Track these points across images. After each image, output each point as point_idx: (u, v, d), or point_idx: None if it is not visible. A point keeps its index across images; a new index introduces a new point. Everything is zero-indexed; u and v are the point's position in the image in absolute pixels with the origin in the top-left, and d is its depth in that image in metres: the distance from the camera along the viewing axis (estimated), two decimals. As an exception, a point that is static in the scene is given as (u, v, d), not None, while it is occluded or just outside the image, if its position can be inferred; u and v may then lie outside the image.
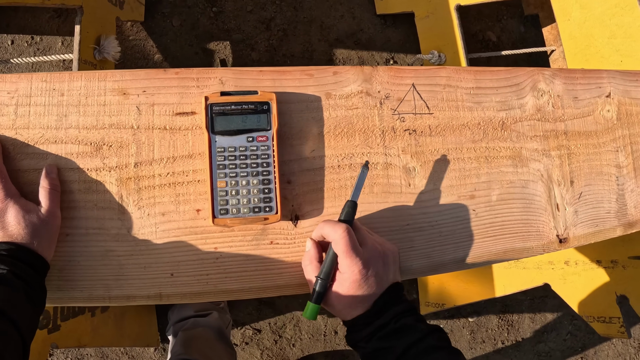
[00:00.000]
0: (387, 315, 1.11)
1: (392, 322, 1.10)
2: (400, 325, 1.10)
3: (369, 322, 1.11)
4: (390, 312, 1.12)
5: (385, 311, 1.12)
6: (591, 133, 1.47)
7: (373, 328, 1.10)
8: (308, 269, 1.16)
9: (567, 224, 1.41)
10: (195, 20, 2.88)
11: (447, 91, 1.35)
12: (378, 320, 1.11)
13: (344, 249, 1.09)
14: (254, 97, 1.18)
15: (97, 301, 1.16)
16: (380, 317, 1.11)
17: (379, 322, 1.11)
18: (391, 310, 1.13)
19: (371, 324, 1.11)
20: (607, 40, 2.33)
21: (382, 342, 1.09)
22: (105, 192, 1.16)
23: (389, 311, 1.12)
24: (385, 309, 1.13)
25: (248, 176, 1.16)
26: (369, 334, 1.10)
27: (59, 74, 1.18)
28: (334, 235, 1.10)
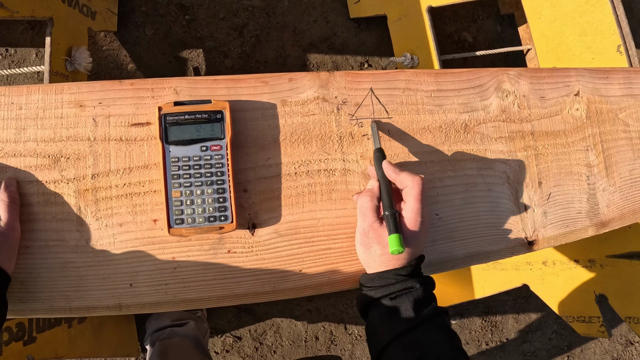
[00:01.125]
0: (419, 280, 1.15)
1: (422, 289, 1.14)
2: (427, 295, 1.15)
3: (399, 280, 1.14)
4: (420, 277, 1.17)
5: (417, 275, 1.17)
6: (559, 132, 1.47)
7: (403, 286, 1.14)
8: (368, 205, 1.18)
9: (535, 226, 1.41)
10: (167, 28, 2.88)
11: (407, 95, 1.35)
12: (410, 281, 1.14)
13: (417, 196, 1.15)
14: (207, 107, 1.18)
15: (58, 312, 1.16)
16: (412, 279, 1.15)
17: (411, 283, 1.14)
18: (421, 277, 1.18)
19: (402, 281, 1.14)
20: (578, 37, 2.33)
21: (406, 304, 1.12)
22: (63, 204, 1.16)
23: (419, 277, 1.17)
24: (418, 273, 1.18)
25: (202, 186, 1.15)
26: (398, 290, 1.14)
27: (17, 88, 1.18)
28: (412, 182, 1.15)
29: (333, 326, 3.04)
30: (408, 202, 1.15)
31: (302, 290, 1.25)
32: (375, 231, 1.16)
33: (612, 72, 1.57)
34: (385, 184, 1.20)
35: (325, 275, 1.25)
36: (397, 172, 1.17)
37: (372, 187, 1.20)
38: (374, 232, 1.16)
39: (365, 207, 1.18)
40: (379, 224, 1.16)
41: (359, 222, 1.20)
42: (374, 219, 1.16)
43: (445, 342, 1.09)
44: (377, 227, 1.16)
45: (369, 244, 1.17)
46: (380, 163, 1.21)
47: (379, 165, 1.21)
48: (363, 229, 1.18)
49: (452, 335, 1.12)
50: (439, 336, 1.10)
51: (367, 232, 1.17)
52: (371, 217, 1.16)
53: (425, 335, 1.09)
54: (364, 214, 1.18)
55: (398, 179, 1.17)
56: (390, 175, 1.18)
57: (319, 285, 1.26)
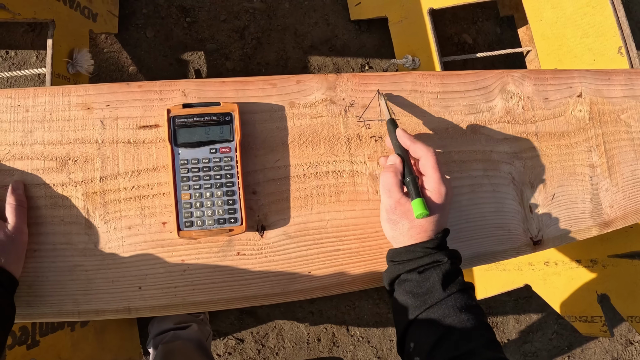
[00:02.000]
0: (446, 253, 1.15)
1: (449, 262, 1.14)
2: (454, 269, 1.15)
3: (428, 253, 1.14)
4: (447, 250, 1.17)
5: (444, 248, 1.17)
6: (563, 134, 1.47)
7: (432, 259, 1.14)
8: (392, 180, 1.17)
9: (540, 226, 1.41)
10: (169, 31, 2.88)
11: (413, 96, 1.35)
12: (439, 254, 1.14)
13: (435, 166, 1.15)
14: (216, 109, 1.18)
15: (66, 316, 1.15)
16: (440, 252, 1.15)
17: (439, 256, 1.14)
18: (448, 250, 1.18)
19: (430, 254, 1.14)
20: (580, 39, 2.34)
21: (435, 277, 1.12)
22: (71, 207, 1.16)
23: (446, 250, 1.17)
24: (444, 246, 1.18)
25: (212, 188, 1.15)
26: (426, 264, 1.14)
27: (23, 90, 1.18)
28: (426, 153, 1.16)
29: (335, 328, 3.04)
30: (427, 173, 1.15)
31: (311, 291, 1.25)
32: (403, 206, 1.16)
33: (613, 74, 1.58)
34: (403, 153, 1.20)
35: (334, 276, 1.26)
36: (412, 140, 1.17)
37: (393, 163, 1.19)
38: (401, 207, 1.16)
39: (389, 183, 1.17)
40: (405, 199, 1.16)
41: (384, 199, 1.19)
42: (400, 195, 1.16)
43: (472, 316, 1.10)
44: (404, 202, 1.16)
45: (396, 220, 1.17)
46: (394, 133, 1.22)
47: (393, 135, 1.22)
48: (389, 205, 1.17)
49: (477, 310, 1.12)
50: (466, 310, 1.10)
51: (393, 209, 1.16)
52: (397, 193, 1.16)
53: (452, 309, 1.09)
54: (389, 190, 1.17)
55: (412, 147, 1.17)
56: (405, 143, 1.19)
57: (327, 286, 1.26)
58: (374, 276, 1.29)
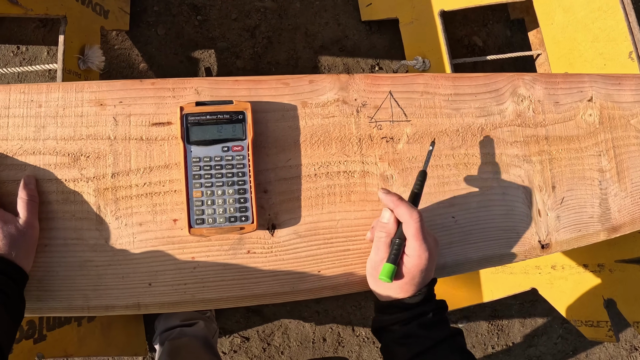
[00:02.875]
0: (429, 305, 1.16)
1: (432, 313, 1.15)
2: (438, 319, 1.15)
3: (410, 307, 1.15)
4: (432, 302, 1.18)
5: (428, 301, 1.17)
6: (573, 138, 1.47)
7: (413, 314, 1.14)
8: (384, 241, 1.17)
9: (549, 230, 1.41)
10: (180, 28, 2.88)
11: (425, 98, 1.36)
12: (420, 307, 1.15)
13: (415, 233, 1.12)
14: (229, 107, 1.18)
15: (76, 311, 1.15)
16: (422, 305, 1.15)
17: (420, 310, 1.15)
18: (432, 302, 1.18)
19: (412, 309, 1.15)
20: (590, 43, 2.33)
21: (418, 330, 1.13)
22: (83, 203, 1.16)
23: (431, 302, 1.17)
24: (428, 300, 1.17)
25: (224, 186, 1.16)
26: (407, 318, 1.14)
27: (36, 86, 1.18)
28: (408, 219, 1.13)
29: (341, 328, 3.04)
30: (409, 238, 1.14)
31: (320, 291, 1.25)
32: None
33: (624, 79, 1.58)
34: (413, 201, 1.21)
35: (344, 276, 1.26)
36: (396, 203, 1.16)
37: (388, 222, 1.18)
38: None
39: (381, 241, 1.17)
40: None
41: (372, 255, 1.20)
42: (387, 255, 1.16)
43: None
44: None
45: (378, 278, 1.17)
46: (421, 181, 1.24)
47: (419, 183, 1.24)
48: (375, 262, 1.18)
49: (467, 356, 1.13)
50: (454, 357, 1.12)
51: (378, 267, 1.17)
52: (384, 252, 1.16)
53: (438, 357, 1.11)
54: (378, 247, 1.18)
55: (396, 210, 1.16)
56: (389, 205, 1.18)
57: (336, 286, 1.26)
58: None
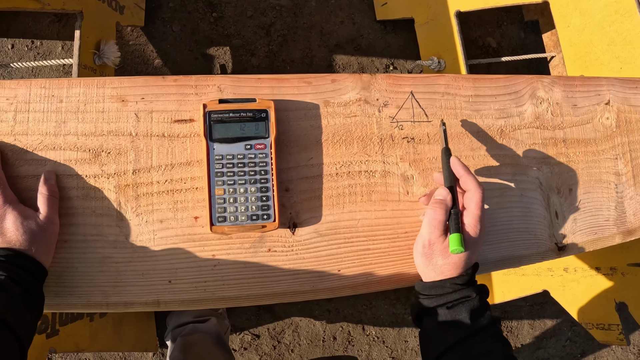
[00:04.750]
0: (475, 289, 1.17)
1: (478, 298, 1.15)
2: (482, 304, 1.15)
3: (457, 289, 1.15)
4: (476, 286, 1.18)
5: (472, 284, 1.18)
6: (590, 141, 1.47)
7: (460, 295, 1.15)
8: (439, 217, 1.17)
9: (565, 232, 1.41)
10: (195, 25, 2.88)
11: (446, 99, 1.36)
12: (467, 289, 1.15)
13: (478, 203, 1.15)
14: (252, 105, 1.19)
15: (95, 307, 1.16)
16: (469, 287, 1.16)
17: (468, 292, 1.15)
18: (476, 285, 1.19)
19: (459, 290, 1.15)
20: (607, 47, 2.33)
21: (464, 313, 1.12)
22: (103, 199, 1.17)
23: (475, 285, 1.18)
24: (473, 282, 1.19)
25: (246, 184, 1.16)
26: (455, 300, 1.15)
27: (57, 81, 1.18)
28: (475, 188, 1.16)
29: (351, 327, 3.04)
30: (469, 207, 1.16)
31: (340, 290, 1.25)
32: (441, 244, 1.17)
33: (641, 83, 1.57)
34: (453, 183, 1.21)
35: (363, 276, 1.26)
36: (467, 171, 1.18)
37: (444, 198, 1.19)
38: (439, 245, 1.17)
39: (437, 219, 1.17)
40: (444, 237, 1.17)
41: (424, 233, 1.19)
42: (441, 233, 1.18)
43: (500, 351, 1.10)
44: (443, 240, 1.17)
45: (432, 256, 1.18)
46: (447, 161, 1.23)
47: (446, 165, 1.23)
48: (428, 240, 1.18)
49: (505, 344, 1.13)
50: (495, 345, 1.11)
51: (432, 244, 1.18)
52: (439, 230, 1.17)
53: (481, 344, 1.10)
54: (434, 226, 1.18)
55: (464, 178, 1.18)
56: (459, 172, 1.19)
57: (356, 285, 1.26)
58: (402, 276, 1.29)
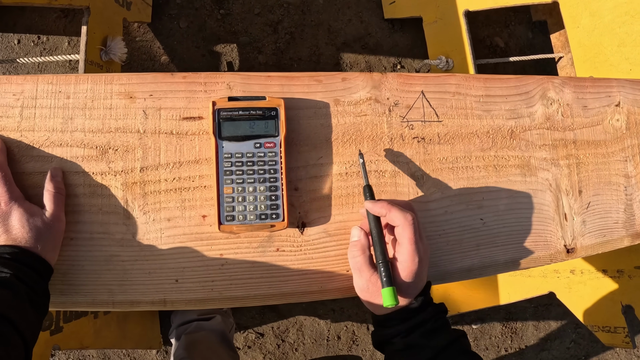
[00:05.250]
0: (428, 312, 1.13)
1: (432, 320, 1.12)
2: (439, 325, 1.12)
3: (408, 317, 1.12)
4: (430, 309, 1.14)
5: (426, 308, 1.13)
6: (600, 142, 1.46)
7: (412, 324, 1.11)
8: (360, 259, 1.14)
9: (574, 234, 1.40)
10: (202, 22, 2.88)
11: (457, 99, 1.35)
12: (420, 316, 1.12)
13: (410, 237, 1.09)
14: (262, 103, 1.18)
15: (100, 306, 1.15)
16: (421, 313, 1.12)
17: (420, 318, 1.11)
18: (430, 307, 1.14)
19: (412, 318, 1.11)
20: (617, 48, 2.32)
21: (420, 339, 1.09)
22: (110, 197, 1.16)
23: (429, 308, 1.14)
24: (426, 306, 1.14)
25: (255, 183, 1.15)
26: (408, 329, 1.11)
27: (65, 77, 1.17)
28: (403, 221, 1.10)
29: (356, 326, 3.04)
30: (402, 244, 1.11)
31: (348, 290, 1.24)
32: (374, 285, 1.13)
33: (651, 84, 1.57)
34: (377, 228, 1.15)
35: (372, 276, 1.24)
36: (389, 207, 1.13)
37: (359, 239, 1.16)
38: (373, 285, 1.13)
39: (358, 262, 1.14)
40: (376, 277, 1.13)
41: (355, 279, 1.17)
42: (370, 273, 1.13)
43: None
44: (375, 281, 1.12)
45: (372, 297, 1.14)
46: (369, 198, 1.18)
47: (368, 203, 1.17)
48: (361, 286, 1.15)
49: (472, 357, 1.11)
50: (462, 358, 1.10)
51: (366, 288, 1.14)
52: (367, 272, 1.13)
53: None
54: (358, 269, 1.15)
55: (389, 215, 1.12)
56: (381, 213, 1.14)
57: (364, 287, 1.24)
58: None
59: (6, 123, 1.13)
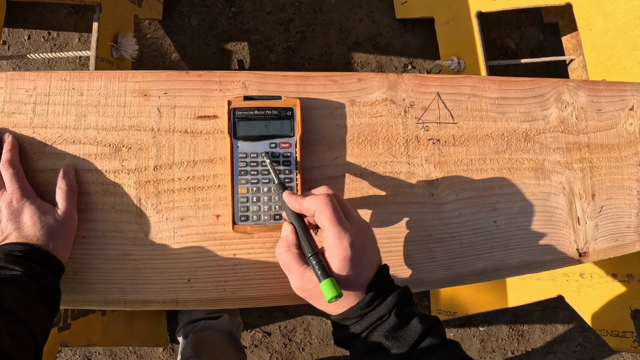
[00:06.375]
0: (387, 304, 0.99)
1: (392, 314, 0.98)
2: (403, 318, 0.98)
3: (364, 314, 0.99)
4: (387, 301, 1.00)
5: (381, 299, 1.00)
6: (613, 146, 1.45)
7: (369, 322, 0.99)
8: (285, 256, 1.03)
9: (587, 238, 1.40)
10: (213, 20, 2.88)
11: (472, 101, 1.34)
12: (375, 312, 0.99)
13: (330, 217, 0.98)
14: (277, 103, 1.17)
15: (112, 305, 1.15)
16: (376, 307, 0.99)
17: (377, 314, 0.98)
18: (388, 299, 1.00)
19: (365, 317, 0.99)
20: (630, 51, 2.31)
21: (383, 340, 0.97)
22: (123, 195, 1.15)
23: (386, 300, 1.00)
24: (381, 297, 1.01)
25: (270, 183, 1.15)
26: (365, 328, 0.99)
27: (78, 73, 1.17)
28: (318, 203, 1.00)
29: (362, 327, 3.03)
30: (325, 229, 1.00)
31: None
32: (309, 282, 1.01)
33: (666, 89, 1.56)
34: (298, 222, 1.06)
35: (384, 278, 1.24)
36: (299, 200, 1.04)
37: (285, 235, 1.06)
38: (308, 282, 1.01)
39: (285, 260, 1.04)
40: (309, 273, 1.01)
41: (291, 280, 1.05)
42: (302, 270, 1.02)
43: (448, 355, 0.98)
44: (309, 278, 1.01)
45: (312, 296, 1.04)
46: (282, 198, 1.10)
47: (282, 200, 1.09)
48: (295, 285, 1.04)
49: (450, 347, 0.99)
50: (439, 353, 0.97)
51: (303, 287, 1.03)
52: (298, 269, 1.02)
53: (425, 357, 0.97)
54: (287, 268, 1.04)
55: (303, 206, 1.03)
56: (294, 207, 1.05)
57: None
58: (422, 280, 1.27)
59: (19, 119, 1.13)
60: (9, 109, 1.14)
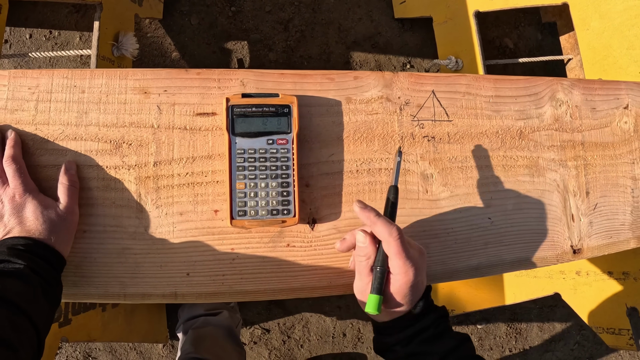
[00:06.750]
0: (428, 318, 1.11)
1: (433, 326, 1.10)
2: (440, 331, 1.11)
3: (408, 325, 1.10)
4: (430, 315, 1.12)
5: (426, 314, 1.12)
6: (608, 144, 1.47)
7: (413, 331, 1.09)
8: (364, 264, 1.11)
9: (581, 235, 1.41)
10: (213, 19, 2.89)
11: (467, 99, 1.36)
12: (419, 323, 1.10)
13: (397, 251, 1.05)
14: (275, 100, 1.18)
15: (112, 298, 1.16)
16: (420, 320, 1.10)
17: (420, 326, 1.10)
18: (431, 314, 1.12)
19: (410, 326, 1.10)
20: (626, 51, 2.31)
21: (421, 347, 1.09)
22: (123, 190, 1.17)
23: (429, 315, 1.12)
24: (426, 312, 1.12)
25: (267, 178, 1.16)
26: (408, 337, 1.09)
27: (80, 71, 1.18)
28: (387, 236, 1.06)
29: (361, 324, 3.05)
30: (391, 258, 1.07)
31: (357, 287, 1.24)
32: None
33: (661, 87, 1.57)
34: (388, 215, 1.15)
35: (381, 274, 1.25)
36: (373, 220, 1.09)
37: (365, 245, 1.11)
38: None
39: (362, 266, 1.12)
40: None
41: (356, 280, 1.15)
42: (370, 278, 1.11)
43: None
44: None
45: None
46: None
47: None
48: (359, 288, 1.14)
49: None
50: None
51: (364, 291, 1.12)
52: (367, 277, 1.11)
53: None
54: (360, 272, 1.13)
55: (373, 228, 1.09)
56: (366, 222, 1.11)
57: (373, 283, 1.25)
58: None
59: (21, 116, 1.14)
60: (12, 106, 1.15)
